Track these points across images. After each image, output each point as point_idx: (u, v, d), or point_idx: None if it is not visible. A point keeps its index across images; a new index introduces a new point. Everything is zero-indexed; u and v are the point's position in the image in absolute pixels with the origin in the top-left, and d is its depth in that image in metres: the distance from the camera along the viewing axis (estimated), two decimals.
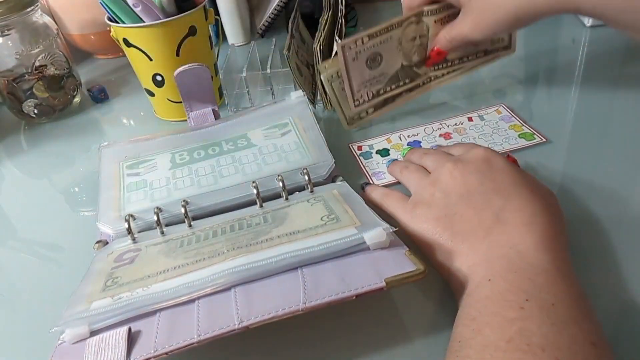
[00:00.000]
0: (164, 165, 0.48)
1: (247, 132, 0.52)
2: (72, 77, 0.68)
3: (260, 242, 0.35)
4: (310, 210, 0.39)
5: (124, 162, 0.50)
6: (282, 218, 0.39)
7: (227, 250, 0.35)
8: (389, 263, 0.32)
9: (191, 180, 0.46)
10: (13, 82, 0.64)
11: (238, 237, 0.37)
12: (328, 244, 0.33)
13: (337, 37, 0.55)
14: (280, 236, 0.36)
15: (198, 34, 0.57)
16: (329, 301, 0.30)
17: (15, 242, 0.49)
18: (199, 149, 0.50)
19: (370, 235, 0.33)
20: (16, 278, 0.44)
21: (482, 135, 0.50)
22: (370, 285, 0.30)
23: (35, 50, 0.64)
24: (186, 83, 0.52)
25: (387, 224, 0.34)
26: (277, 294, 0.31)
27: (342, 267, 0.32)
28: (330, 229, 0.35)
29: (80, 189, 0.55)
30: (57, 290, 0.42)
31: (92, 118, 0.68)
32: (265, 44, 0.70)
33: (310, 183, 0.43)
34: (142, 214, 0.43)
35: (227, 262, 0.34)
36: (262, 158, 0.47)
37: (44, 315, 0.40)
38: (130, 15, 0.55)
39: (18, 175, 0.59)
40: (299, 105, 0.54)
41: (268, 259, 0.33)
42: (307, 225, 0.36)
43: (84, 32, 0.80)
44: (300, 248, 0.33)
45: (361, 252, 0.33)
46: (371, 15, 0.84)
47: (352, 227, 0.35)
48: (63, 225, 0.49)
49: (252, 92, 0.62)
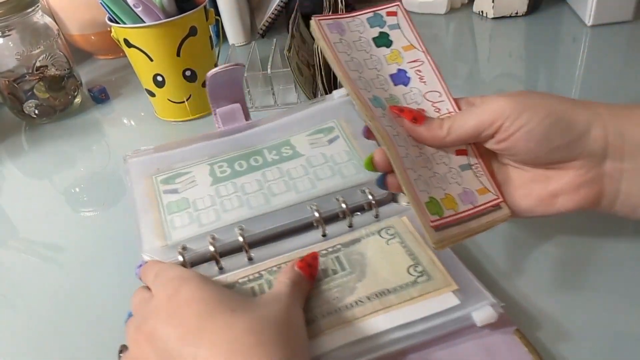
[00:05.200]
0: (203, 179, 0.43)
1: (290, 138, 0.46)
2: (73, 78, 0.68)
3: (350, 305, 0.33)
4: (389, 253, 0.36)
5: (157, 175, 0.44)
6: (360, 263, 0.36)
7: (315, 318, 0.32)
8: (501, 351, 0.30)
9: (239, 200, 0.41)
10: (14, 83, 0.64)
11: (320, 296, 0.34)
12: (433, 320, 0.31)
13: None
14: (371, 297, 0.33)
15: (198, 34, 0.58)
16: None
17: (16, 242, 0.49)
18: (240, 159, 0.45)
19: (481, 316, 0.31)
20: (17, 278, 0.44)
21: None
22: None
23: (36, 51, 0.64)
24: (218, 82, 0.47)
25: (489, 294, 0.32)
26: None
27: (455, 357, 0.30)
28: (424, 292, 0.33)
29: (81, 189, 0.55)
30: (58, 291, 0.42)
31: (93, 118, 0.68)
32: (265, 44, 0.70)
33: (375, 207, 0.39)
34: (192, 242, 0.39)
35: (323, 339, 0.31)
36: (313, 172, 0.43)
37: (45, 315, 0.40)
38: (131, 16, 0.55)
39: (19, 176, 0.60)
40: (344, 106, 0.48)
41: (374, 339, 0.31)
42: (396, 282, 0.34)
43: (84, 33, 0.80)
44: (402, 325, 0.31)
45: (470, 332, 0.32)
46: None
47: (450, 292, 0.32)
48: (64, 226, 0.49)
49: (252, 93, 0.62)
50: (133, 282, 0.41)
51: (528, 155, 0.32)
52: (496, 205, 0.33)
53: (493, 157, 0.35)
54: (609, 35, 0.66)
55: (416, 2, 0.82)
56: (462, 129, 0.33)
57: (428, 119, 0.34)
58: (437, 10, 0.80)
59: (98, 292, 0.41)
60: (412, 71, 0.37)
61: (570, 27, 0.70)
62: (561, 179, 0.32)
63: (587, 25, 0.68)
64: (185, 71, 0.58)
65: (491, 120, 0.31)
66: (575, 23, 0.70)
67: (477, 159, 0.35)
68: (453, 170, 0.34)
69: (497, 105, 0.31)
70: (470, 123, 0.32)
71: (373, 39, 0.37)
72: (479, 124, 0.32)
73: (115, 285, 0.41)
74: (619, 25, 0.67)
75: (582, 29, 0.68)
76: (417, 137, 0.34)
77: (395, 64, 0.37)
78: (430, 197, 0.33)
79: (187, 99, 0.61)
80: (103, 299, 0.40)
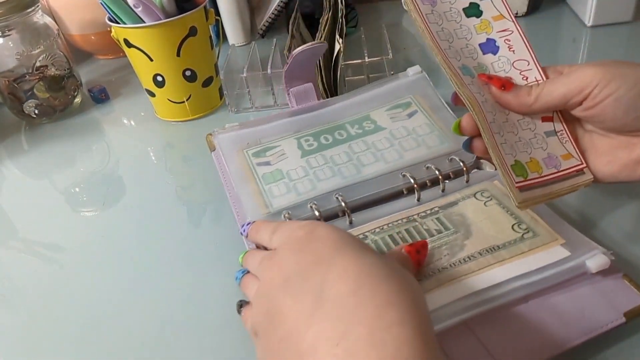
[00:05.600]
0: (293, 152, 0.46)
1: (369, 113, 0.49)
2: (73, 78, 0.68)
3: (464, 260, 0.34)
4: (490, 213, 0.38)
5: (247, 149, 0.47)
6: (463, 224, 0.37)
7: (431, 273, 0.34)
8: (615, 293, 0.32)
9: (331, 171, 0.44)
10: (14, 83, 0.64)
11: (430, 253, 0.35)
12: (547, 270, 0.33)
13: (338, 36, 0.55)
14: (482, 253, 0.35)
15: (198, 34, 0.57)
16: (582, 342, 0.30)
17: (16, 242, 0.49)
18: (324, 133, 0.47)
19: (595, 263, 0.32)
20: (17, 278, 0.44)
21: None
22: (612, 321, 0.30)
23: (35, 51, 0.64)
24: (299, 60, 0.49)
25: (596, 244, 0.33)
26: (525, 335, 0.30)
27: (574, 301, 0.32)
28: (534, 247, 0.34)
29: (81, 189, 0.55)
30: (58, 291, 0.42)
31: (93, 118, 0.68)
32: (265, 44, 0.70)
33: (467, 173, 0.41)
34: (293, 210, 0.41)
35: (444, 291, 0.32)
36: (398, 143, 0.45)
37: (45, 315, 0.40)
38: (131, 16, 0.55)
39: (19, 176, 0.60)
40: (419, 82, 0.51)
41: (492, 291, 0.32)
42: (504, 239, 0.35)
43: (84, 33, 0.80)
44: (519, 275, 0.32)
45: (582, 279, 0.33)
46: (371, 15, 0.84)
47: (558, 245, 0.34)
48: (64, 226, 0.49)
49: (252, 93, 0.62)
50: (133, 282, 0.41)
51: (615, 122, 0.32)
52: (579, 170, 0.35)
53: (578, 124, 0.36)
54: (608, 36, 0.66)
55: None
56: (550, 96, 0.34)
57: (516, 86, 0.36)
58: None
59: (98, 292, 0.41)
60: (501, 40, 0.38)
61: (570, 28, 0.70)
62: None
63: (587, 26, 0.68)
64: (185, 71, 0.58)
65: (580, 88, 0.32)
66: (575, 23, 0.70)
67: (563, 125, 0.36)
68: (538, 136, 0.36)
69: (586, 73, 0.32)
70: (559, 91, 0.33)
71: (463, 9, 0.39)
72: (567, 91, 0.33)
73: (115, 285, 0.41)
74: (618, 25, 0.67)
75: (582, 29, 0.69)
76: (505, 103, 0.36)
77: (485, 33, 0.39)
78: (516, 160, 0.35)
79: (187, 99, 0.61)
80: (103, 299, 0.40)
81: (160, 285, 0.40)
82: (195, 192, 0.52)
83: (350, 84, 0.62)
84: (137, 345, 0.36)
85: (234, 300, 0.38)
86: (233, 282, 0.39)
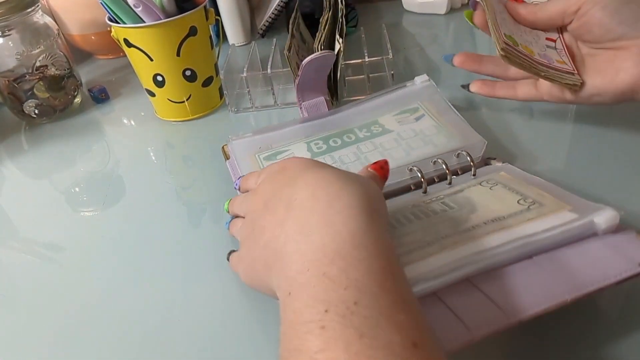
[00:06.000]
0: (302, 154, 0.47)
1: (378, 118, 0.50)
2: (73, 78, 0.68)
3: (469, 228, 0.34)
4: (495, 194, 0.37)
5: (259, 153, 0.49)
6: (469, 203, 0.37)
7: (435, 240, 0.33)
8: (628, 246, 0.31)
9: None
10: (14, 83, 0.64)
11: (435, 226, 0.35)
12: (556, 229, 0.32)
13: (338, 36, 0.55)
14: (487, 223, 0.34)
15: (198, 34, 0.57)
16: (594, 290, 0.29)
17: (16, 242, 0.49)
18: (333, 137, 0.49)
19: (604, 218, 0.31)
20: (17, 278, 0.44)
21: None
22: (626, 271, 0.29)
23: (35, 51, 0.64)
24: (310, 71, 0.50)
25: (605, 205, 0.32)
26: (532, 285, 0.30)
27: (583, 254, 0.31)
28: (541, 214, 0.34)
29: (81, 189, 0.55)
30: (58, 291, 0.42)
31: (93, 118, 0.68)
32: (265, 44, 0.70)
33: (474, 165, 0.41)
34: None
35: (447, 253, 0.32)
36: (405, 143, 0.46)
37: (45, 315, 0.40)
38: (131, 16, 0.55)
39: (19, 176, 0.60)
40: (426, 90, 0.52)
41: (498, 249, 0.31)
42: (510, 210, 0.34)
43: (84, 33, 0.80)
44: (526, 235, 0.32)
45: (591, 238, 0.32)
46: (371, 15, 0.84)
47: (566, 212, 0.33)
48: (64, 226, 0.49)
49: (252, 93, 0.62)
50: (133, 282, 0.41)
51: (601, 28, 0.41)
52: (570, 72, 0.42)
53: (574, 48, 0.45)
54: None
55: (416, 2, 0.82)
56: (553, 6, 0.43)
57: (527, 2, 0.45)
58: (437, 10, 0.80)
59: (98, 292, 0.41)
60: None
61: None
62: (626, 56, 0.40)
63: None
64: (185, 71, 0.58)
65: (575, 1, 0.41)
66: None
67: (563, 46, 0.44)
68: (540, 43, 0.44)
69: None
70: (559, 3, 0.43)
71: None
72: (565, 4, 0.42)
73: (115, 285, 0.41)
74: None
75: None
76: (515, 12, 0.45)
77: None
78: (510, 35, 0.42)
79: (187, 98, 0.61)
80: (103, 298, 0.40)
81: (160, 285, 0.40)
82: (195, 192, 0.52)
83: (350, 84, 0.62)
84: (137, 345, 0.36)
85: (234, 300, 0.38)
86: (233, 282, 0.39)
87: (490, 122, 0.52)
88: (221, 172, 0.52)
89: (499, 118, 0.53)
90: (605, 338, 0.31)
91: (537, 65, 0.41)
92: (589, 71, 0.43)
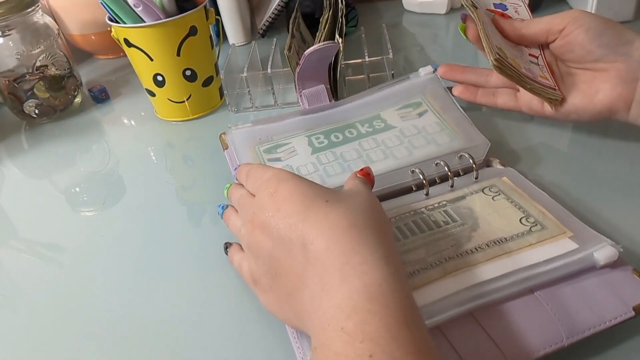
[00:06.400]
0: (303, 149, 0.47)
1: (380, 113, 0.50)
2: (73, 78, 0.68)
3: (471, 251, 0.34)
4: (498, 207, 0.38)
5: (259, 145, 0.48)
6: (471, 216, 0.37)
7: (437, 262, 0.34)
8: (624, 286, 0.31)
9: (341, 167, 0.44)
10: (14, 83, 0.64)
11: (437, 243, 0.35)
12: (555, 262, 0.32)
13: (338, 36, 0.55)
14: (490, 244, 0.34)
15: (199, 34, 0.57)
16: (589, 335, 0.30)
17: (16, 242, 0.49)
18: (335, 131, 0.49)
19: (603, 255, 0.32)
20: (17, 278, 0.44)
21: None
22: (621, 315, 0.30)
23: (36, 51, 0.64)
24: (312, 61, 0.50)
25: (605, 237, 0.33)
26: (532, 325, 0.30)
27: (581, 293, 0.31)
28: (542, 239, 0.34)
29: (81, 189, 0.55)
30: (58, 291, 0.42)
31: (93, 118, 0.68)
32: (265, 43, 0.70)
33: (476, 168, 0.41)
34: None
35: (450, 280, 0.32)
36: (407, 141, 0.46)
37: (45, 315, 0.40)
38: (131, 16, 0.55)
39: (19, 176, 0.59)
40: (430, 83, 0.51)
41: (499, 281, 0.32)
42: (512, 231, 0.35)
43: (84, 32, 0.80)
44: (526, 267, 0.32)
45: (590, 272, 0.33)
46: (371, 15, 0.84)
47: (566, 238, 0.34)
48: (64, 226, 0.49)
49: (252, 92, 0.62)
50: (133, 282, 0.41)
51: (583, 49, 0.42)
52: (552, 87, 0.44)
53: (555, 65, 0.46)
54: None
55: (416, 2, 0.82)
56: (537, 25, 0.44)
57: (512, 19, 0.47)
58: (437, 10, 0.80)
59: (98, 292, 0.41)
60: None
61: None
62: (604, 78, 0.41)
63: None
64: (186, 71, 0.58)
65: (559, 21, 0.42)
66: None
67: (545, 63, 0.45)
68: (524, 58, 0.45)
69: (565, 14, 0.43)
70: (543, 22, 0.44)
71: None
72: (549, 23, 0.43)
73: (115, 285, 0.41)
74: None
75: None
76: (501, 27, 0.46)
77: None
78: (500, 47, 0.43)
79: (187, 98, 0.61)
80: (103, 299, 0.40)
81: (160, 285, 0.40)
82: (195, 192, 0.52)
83: (350, 84, 0.62)
84: (137, 345, 0.36)
85: (234, 299, 0.38)
86: (233, 281, 0.39)
87: (492, 120, 0.52)
88: (221, 172, 0.51)
89: (500, 117, 0.53)
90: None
91: (524, 78, 0.43)
92: (569, 89, 0.44)
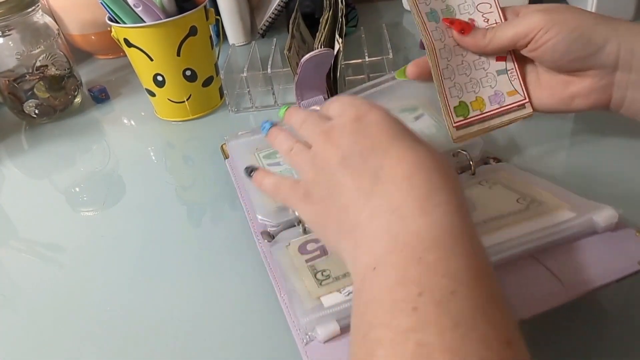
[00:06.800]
0: None
1: None
2: (73, 78, 0.68)
3: None
4: (494, 193, 0.37)
5: (258, 152, 0.48)
6: (468, 202, 0.36)
7: None
8: (629, 245, 0.31)
9: None
10: (14, 83, 0.64)
11: None
12: (556, 227, 0.32)
13: (338, 36, 0.55)
14: (487, 221, 0.34)
15: (199, 34, 0.57)
16: (594, 288, 0.29)
17: (16, 242, 0.49)
18: None
19: (602, 216, 0.32)
20: (17, 278, 0.44)
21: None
22: (626, 269, 0.29)
23: (36, 51, 0.64)
24: (309, 69, 0.50)
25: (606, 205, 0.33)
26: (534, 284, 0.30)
27: (584, 253, 0.31)
28: (540, 213, 0.34)
29: (81, 189, 0.55)
30: (58, 291, 0.42)
31: (93, 118, 0.68)
32: (265, 44, 0.70)
33: (473, 165, 0.41)
34: None
35: None
36: None
37: (45, 315, 0.40)
38: (131, 16, 0.55)
39: (19, 176, 0.60)
40: (427, 89, 0.50)
41: (499, 246, 0.31)
42: (509, 210, 0.35)
43: (84, 33, 0.80)
44: (526, 233, 0.32)
45: (591, 236, 0.32)
46: (371, 15, 0.84)
47: (566, 210, 0.33)
48: (64, 226, 0.49)
49: (252, 92, 0.62)
50: (133, 282, 0.41)
51: (553, 63, 0.39)
52: (521, 105, 0.42)
53: (527, 61, 0.42)
54: None
55: None
56: (501, 39, 0.40)
57: (474, 30, 0.41)
58: None
59: (98, 292, 0.41)
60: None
61: None
62: (579, 84, 0.40)
63: None
64: (186, 71, 0.58)
65: (525, 33, 0.39)
66: None
67: (514, 64, 0.42)
68: (490, 75, 0.42)
69: (533, 19, 0.38)
70: (508, 34, 0.40)
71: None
72: (515, 35, 0.39)
73: (114, 285, 0.41)
74: None
75: None
76: (463, 45, 0.42)
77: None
78: (461, 101, 0.41)
79: (187, 98, 0.61)
80: (103, 299, 0.40)
81: (160, 285, 0.40)
82: (195, 192, 0.52)
83: (351, 84, 0.62)
84: (137, 345, 0.36)
85: (234, 299, 0.38)
86: (233, 281, 0.39)
87: None
88: (221, 172, 0.52)
89: None
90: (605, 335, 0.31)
91: (489, 122, 0.42)
92: (544, 92, 0.42)
